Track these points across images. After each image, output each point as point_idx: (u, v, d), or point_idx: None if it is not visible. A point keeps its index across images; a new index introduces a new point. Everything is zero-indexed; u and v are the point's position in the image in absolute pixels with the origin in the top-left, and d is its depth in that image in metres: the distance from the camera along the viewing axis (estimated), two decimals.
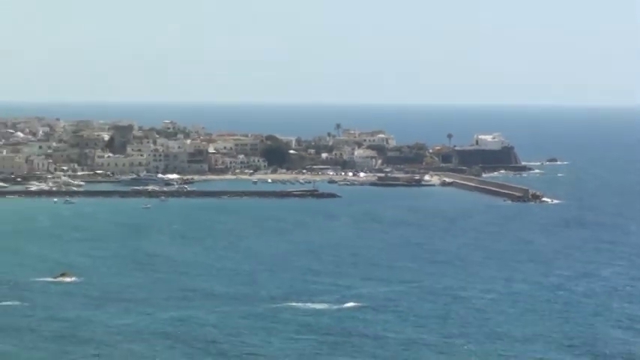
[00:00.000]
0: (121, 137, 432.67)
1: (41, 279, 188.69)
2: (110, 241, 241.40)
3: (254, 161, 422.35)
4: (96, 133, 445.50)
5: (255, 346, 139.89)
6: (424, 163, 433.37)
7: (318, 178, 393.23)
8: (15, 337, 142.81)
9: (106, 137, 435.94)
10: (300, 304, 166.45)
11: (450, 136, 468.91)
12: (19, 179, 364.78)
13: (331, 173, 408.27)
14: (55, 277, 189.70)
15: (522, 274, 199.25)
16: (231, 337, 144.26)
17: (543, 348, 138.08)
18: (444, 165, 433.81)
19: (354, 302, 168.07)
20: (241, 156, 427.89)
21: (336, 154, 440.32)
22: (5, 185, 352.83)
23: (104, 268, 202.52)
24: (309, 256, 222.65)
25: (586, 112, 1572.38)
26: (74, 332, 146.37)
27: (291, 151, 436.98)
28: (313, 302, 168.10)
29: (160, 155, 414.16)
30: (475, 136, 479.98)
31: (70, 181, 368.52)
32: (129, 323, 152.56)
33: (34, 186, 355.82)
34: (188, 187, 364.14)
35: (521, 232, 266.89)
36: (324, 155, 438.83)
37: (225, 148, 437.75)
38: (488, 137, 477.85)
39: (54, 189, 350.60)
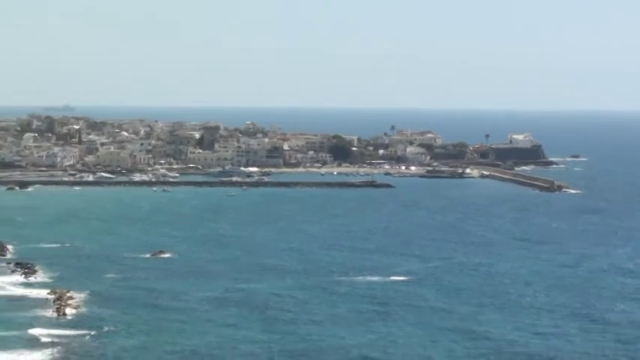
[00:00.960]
0: (209, 136, 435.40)
1: (142, 255, 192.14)
2: (198, 223, 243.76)
3: (322, 157, 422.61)
4: (188, 133, 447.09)
5: (319, 312, 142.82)
6: (465, 159, 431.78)
7: (375, 170, 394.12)
8: (115, 304, 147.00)
9: (197, 136, 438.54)
10: (355, 278, 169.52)
11: (487, 136, 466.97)
12: (124, 171, 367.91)
13: (387, 167, 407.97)
14: (154, 254, 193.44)
15: (544, 254, 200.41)
16: (299, 305, 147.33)
17: (560, 316, 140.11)
18: (482, 160, 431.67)
19: (401, 276, 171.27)
20: (311, 152, 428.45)
21: (391, 150, 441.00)
22: (112, 176, 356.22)
23: (193, 247, 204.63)
24: (364, 237, 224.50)
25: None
26: (165, 300, 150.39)
27: (354, 148, 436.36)
28: (366, 276, 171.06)
29: (243, 151, 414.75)
30: (509, 136, 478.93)
31: (166, 173, 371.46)
32: (210, 293, 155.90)
33: (136, 177, 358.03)
34: (266, 179, 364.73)
35: (546, 217, 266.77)
36: (381, 151, 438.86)
37: (297, 145, 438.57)
38: (520, 137, 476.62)
39: (153, 180, 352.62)
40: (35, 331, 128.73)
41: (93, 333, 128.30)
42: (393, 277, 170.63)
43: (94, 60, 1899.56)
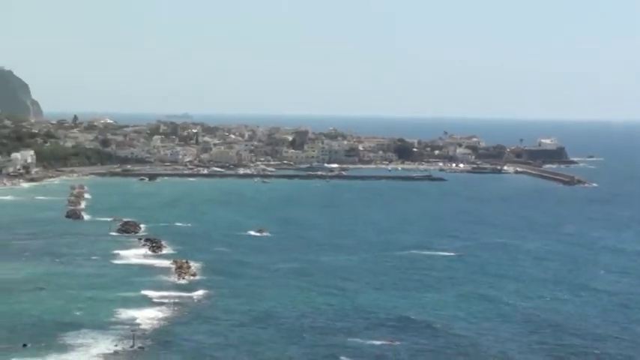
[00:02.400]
0: (300, 139, 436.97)
1: (247, 233, 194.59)
2: (289, 208, 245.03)
3: (389, 156, 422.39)
4: (283, 136, 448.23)
5: (375, 280, 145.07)
6: (503, 158, 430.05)
7: (432, 167, 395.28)
8: (223, 272, 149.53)
9: (290, 138, 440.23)
10: (416, 252, 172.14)
11: (521, 140, 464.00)
12: (231, 166, 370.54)
13: (441, 164, 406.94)
14: (257, 232, 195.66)
15: (563, 235, 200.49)
16: (359, 274, 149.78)
17: (558, 287, 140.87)
18: (516, 159, 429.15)
19: (447, 252, 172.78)
20: (380, 152, 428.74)
21: (444, 151, 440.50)
22: (222, 170, 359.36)
23: (284, 227, 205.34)
24: (419, 220, 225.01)
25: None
26: (259, 270, 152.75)
27: (414, 149, 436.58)
28: (423, 250, 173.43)
29: (326, 151, 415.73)
30: (538, 140, 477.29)
31: (265, 168, 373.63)
32: (294, 266, 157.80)
33: (241, 171, 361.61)
34: (344, 173, 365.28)
35: (566, 205, 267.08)
36: (436, 152, 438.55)
37: (369, 146, 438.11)
38: (548, 140, 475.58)
39: (254, 173, 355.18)
40: (159, 293, 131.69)
41: (205, 294, 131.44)
42: (440, 253, 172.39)
43: (209, 75, 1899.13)
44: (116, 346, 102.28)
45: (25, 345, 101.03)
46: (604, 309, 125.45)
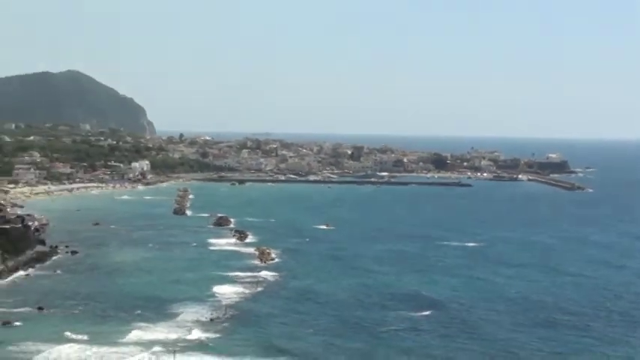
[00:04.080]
0: (357, 152, 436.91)
1: (316, 227, 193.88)
2: (348, 207, 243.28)
3: (427, 166, 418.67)
4: (344, 150, 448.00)
5: (434, 258, 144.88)
6: (518, 169, 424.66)
7: (461, 175, 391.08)
8: (297, 258, 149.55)
9: (350, 152, 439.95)
10: (447, 243, 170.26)
11: (533, 154, 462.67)
12: (303, 174, 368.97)
13: (468, 173, 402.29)
14: (324, 226, 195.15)
15: (563, 231, 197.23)
16: (420, 258, 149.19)
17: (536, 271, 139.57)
18: (529, 169, 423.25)
19: (475, 242, 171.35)
20: (421, 163, 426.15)
21: (471, 162, 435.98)
22: (296, 177, 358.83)
23: (345, 222, 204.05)
24: (450, 216, 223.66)
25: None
26: (325, 256, 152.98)
27: (447, 161, 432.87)
28: (454, 242, 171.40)
29: (378, 162, 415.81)
30: (547, 155, 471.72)
31: (329, 175, 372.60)
32: (352, 253, 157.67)
33: (311, 178, 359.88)
34: (392, 180, 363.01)
35: (566, 206, 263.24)
36: (464, 163, 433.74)
37: (412, 159, 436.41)
38: (554, 155, 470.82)
39: (321, 179, 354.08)
40: (245, 273, 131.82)
41: (281, 275, 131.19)
42: (469, 244, 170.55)
43: (286, 101, 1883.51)
44: (211, 314, 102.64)
45: (138, 313, 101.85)
46: (587, 291, 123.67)
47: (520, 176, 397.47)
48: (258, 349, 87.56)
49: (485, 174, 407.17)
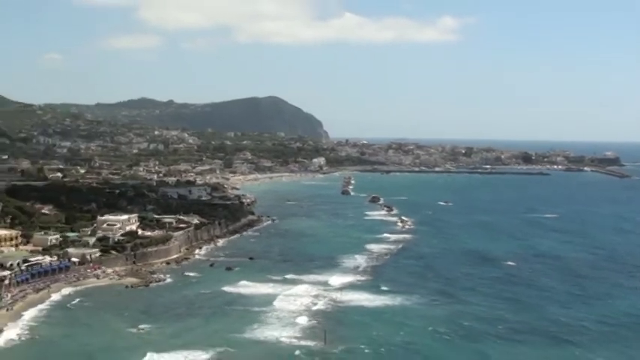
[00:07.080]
0: (469, 151, 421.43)
1: (439, 203, 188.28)
2: (463, 190, 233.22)
3: (518, 161, 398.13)
4: (460, 149, 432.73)
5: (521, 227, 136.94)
6: (584, 163, 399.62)
7: (543, 168, 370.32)
8: (428, 224, 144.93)
9: (463, 151, 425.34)
10: (531, 215, 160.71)
11: (594, 152, 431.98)
12: (430, 167, 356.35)
13: (548, 166, 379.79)
14: (445, 202, 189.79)
15: (616, 209, 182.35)
16: (510, 226, 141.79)
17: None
18: (591, 163, 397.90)
19: (549, 215, 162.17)
20: (513, 159, 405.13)
21: (550, 158, 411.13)
22: (426, 169, 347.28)
23: (461, 200, 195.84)
24: (534, 196, 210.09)
25: None
26: (449, 223, 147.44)
27: (533, 157, 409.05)
28: (534, 214, 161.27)
29: (483, 158, 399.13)
30: (604, 153, 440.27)
31: (449, 168, 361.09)
32: (465, 222, 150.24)
33: (437, 169, 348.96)
34: (493, 171, 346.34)
35: (619, 190, 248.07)
36: (545, 159, 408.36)
37: (507, 155, 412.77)
38: (609, 153, 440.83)
39: (443, 170, 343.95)
40: (392, 236, 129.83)
41: (416, 237, 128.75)
42: (545, 215, 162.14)
43: (418, 113, 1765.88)
44: (367, 262, 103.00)
45: (314, 263, 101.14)
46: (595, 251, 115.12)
47: (585, 168, 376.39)
48: (393, 286, 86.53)
49: (560, 167, 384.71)
